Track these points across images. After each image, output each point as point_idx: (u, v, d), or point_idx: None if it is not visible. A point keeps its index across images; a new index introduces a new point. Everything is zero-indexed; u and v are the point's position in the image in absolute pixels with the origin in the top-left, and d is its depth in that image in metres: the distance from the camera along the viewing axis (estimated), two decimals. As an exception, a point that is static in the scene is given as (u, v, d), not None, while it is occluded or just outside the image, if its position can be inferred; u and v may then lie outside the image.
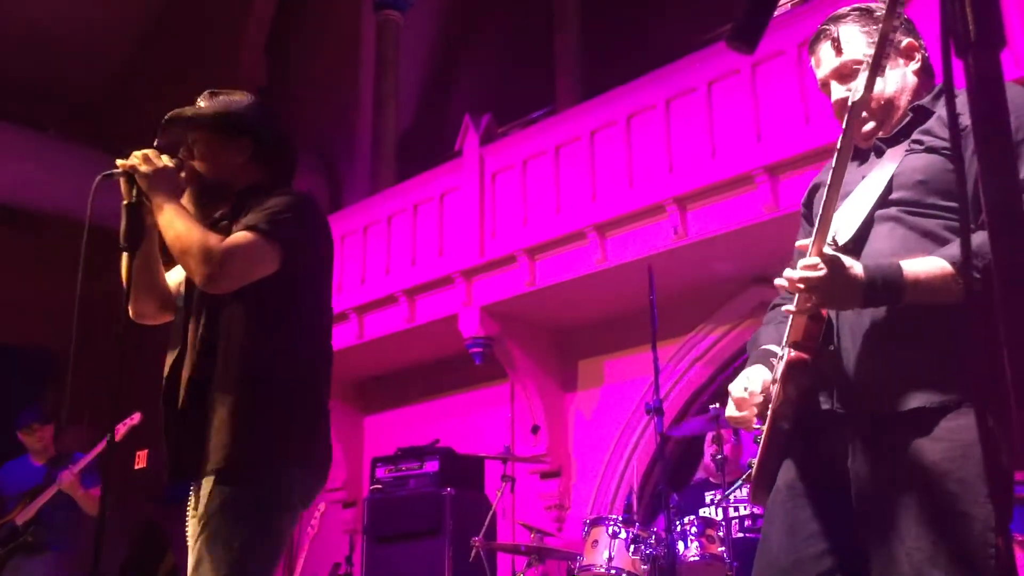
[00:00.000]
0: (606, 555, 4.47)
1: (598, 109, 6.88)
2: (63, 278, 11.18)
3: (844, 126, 1.65)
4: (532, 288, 6.90)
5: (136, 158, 2.35)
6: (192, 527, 2.47)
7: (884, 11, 1.92)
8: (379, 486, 6.37)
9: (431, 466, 6.21)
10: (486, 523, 5.43)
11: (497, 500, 5.62)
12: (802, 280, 1.67)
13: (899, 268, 1.65)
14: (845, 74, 1.92)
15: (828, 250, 1.66)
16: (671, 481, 5.61)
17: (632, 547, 4.46)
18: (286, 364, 2.41)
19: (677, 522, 4.41)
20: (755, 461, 1.90)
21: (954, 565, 1.61)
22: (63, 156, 9.98)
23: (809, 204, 2.10)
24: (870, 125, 1.91)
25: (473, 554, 5.29)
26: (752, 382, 1.89)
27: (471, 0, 10.62)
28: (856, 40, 1.92)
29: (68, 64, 11.21)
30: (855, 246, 1.75)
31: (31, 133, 9.81)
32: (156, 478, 2.51)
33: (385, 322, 7.83)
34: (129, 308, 2.50)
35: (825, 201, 1.67)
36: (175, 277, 2.59)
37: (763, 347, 2.00)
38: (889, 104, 1.91)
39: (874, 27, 1.90)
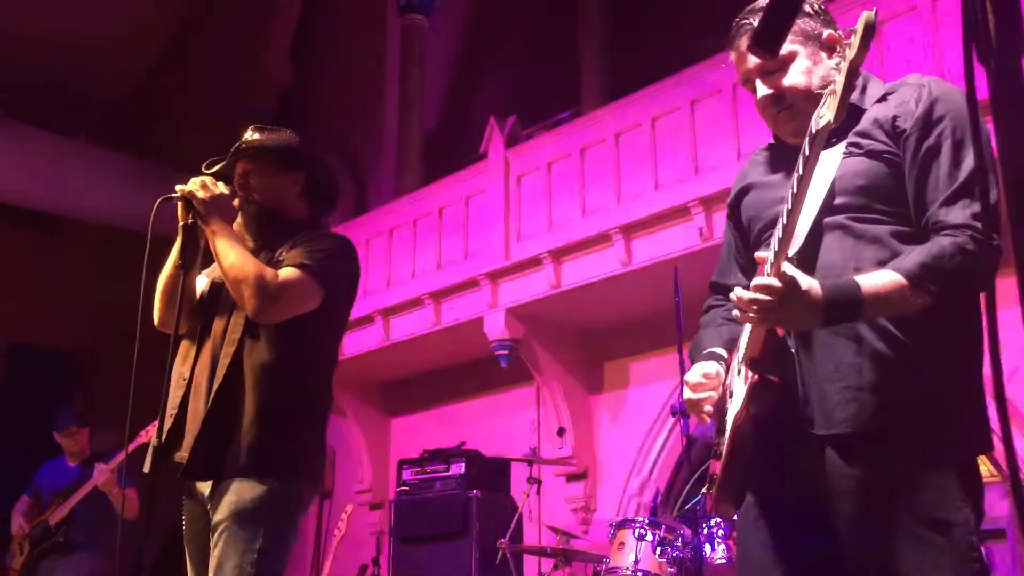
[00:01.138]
0: (632, 557, 4.47)
1: (623, 111, 6.87)
2: (90, 282, 11.38)
3: (808, 152, 1.58)
4: (557, 290, 6.91)
5: (194, 184, 2.50)
6: (190, 520, 2.55)
7: (816, 8, 1.88)
8: (406, 488, 6.40)
9: (457, 468, 6.23)
10: (512, 525, 5.44)
11: (523, 502, 5.63)
12: (755, 303, 1.61)
13: (857, 286, 1.62)
14: (770, 71, 1.87)
15: (788, 268, 1.61)
16: (697, 483, 5.58)
17: (659, 550, 4.46)
18: (305, 385, 2.56)
19: (704, 525, 4.40)
20: (717, 476, 1.85)
21: (938, 572, 1.61)
22: (92, 161, 10.10)
23: (736, 206, 2.05)
24: (798, 121, 1.84)
25: (499, 556, 5.30)
26: (708, 367, 1.86)
27: (495, 3, 10.65)
28: None
29: (97, 71, 11.35)
30: (804, 255, 1.72)
31: (60, 139, 9.93)
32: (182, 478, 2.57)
33: (411, 325, 7.87)
34: (157, 316, 2.62)
35: (787, 221, 1.61)
36: (201, 289, 2.69)
37: (708, 350, 1.95)
38: (816, 100, 1.81)
39: (797, 20, 1.85)
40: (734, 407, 1.75)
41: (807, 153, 1.58)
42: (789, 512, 1.79)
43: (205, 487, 2.47)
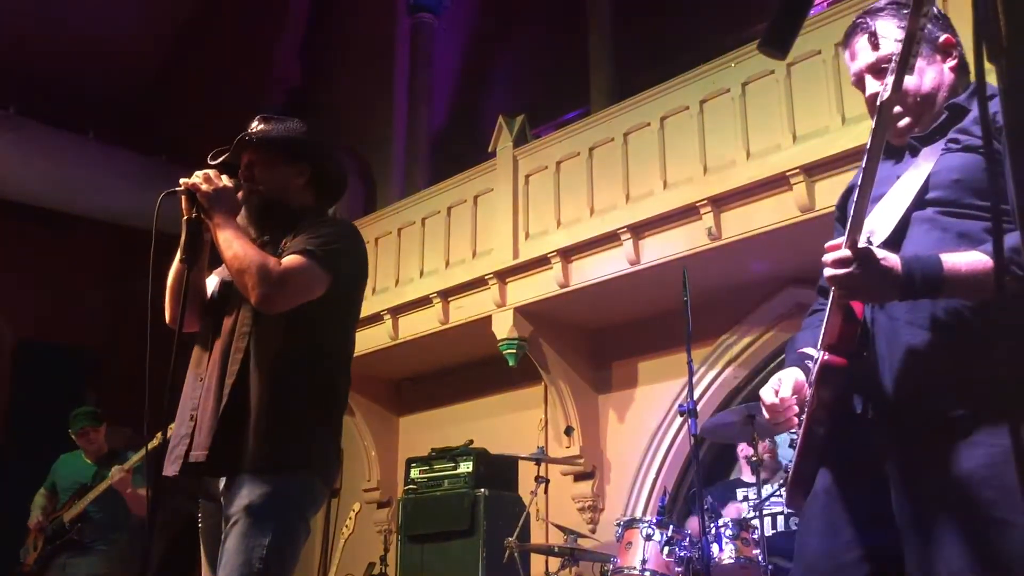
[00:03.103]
0: (640, 557, 4.48)
1: (631, 110, 6.86)
2: (101, 279, 11.42)
3: (874, 125, 1.61)
4: (566, 289, 6.90)
5: (198, 177, 2.48)
6: (205, 516, 2.58)
7: (936, 12, 1.88)
8: (414, 486, 6.41)
9: (465, 467, 6.23)
10: (519, 524, 5.44)
11: (531, 501, 5.63)
12: (832, 272, 1.64)
13: (939, 261, 1.62)
14: (880, 69, 1.89)
15: (864, 242, 1.63)
16: (705, 483, 5.59)
17: (666, 549, 4.46)
18: (320, 379, 2.54)
19: (711, 525, 4.40)
20: (791, 464, 1.87)
21: (992, 571, 1.59)
22: (103, 159, 10.14)
23: (843, 207, 2.07)
24: (905, 121, 1.89)
25: (507, 555, 5.31)
26: (784, 386, 1.86)
27: (505, 2, 10.65)
28: (893, 35, 1.88)
29: (107, 69, 11.39)
30: (890, 247, 1.72)
31: (70, 136, 9.96)
32: (196, 476, 2.57)
33: (419, 323, 7.87)
34: (168, 314, 2.60)
35: (857, 198, 1.63)
36: (212, 287, 2.69)
37: (799, 350, 1.96)
38: (925, 100, 1.87)
39: None
40: (809, 394, 1.77)
41: (874, 126, 1.60)
42: (854, 503, 1.79)
43: (220, 483, 2.47)
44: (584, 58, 9.05)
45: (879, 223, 1.76)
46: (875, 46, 1.91)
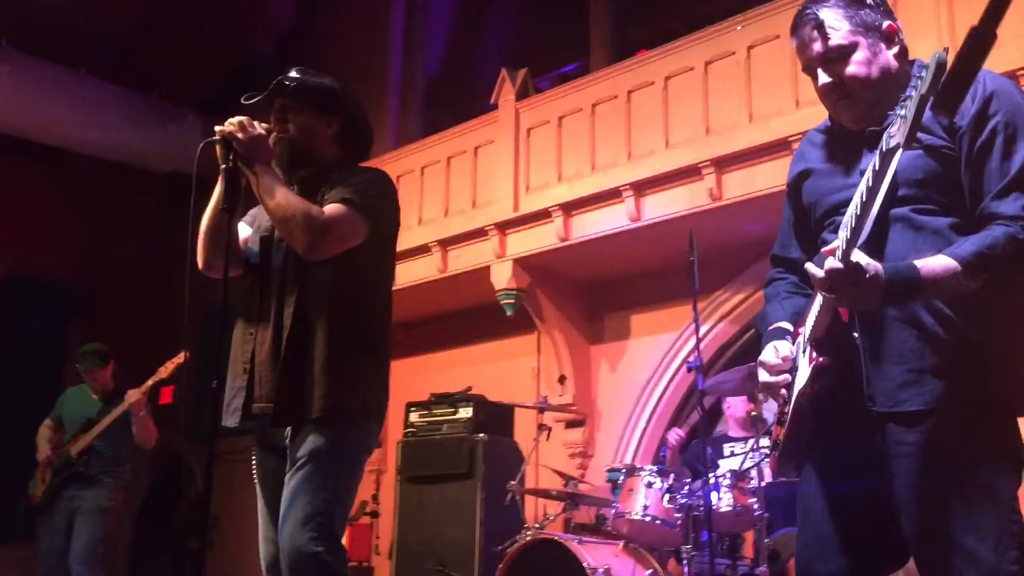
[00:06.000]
0: (642, 503, 4.70)
1: (636, 68, 6.94)
2: (86, 214, 11.34)
3: (878, 167, 1.71)
4: (566, 243, 7.03)
5: (233, 125, 2.52)
6: (261, 463, 2.71)
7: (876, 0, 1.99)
8: (413, 429, 6.58)
9: (465, 412, 6.41)
10: (522, 469, 5.65)
11: (533, 447, 5.84)
12: (825, 283, 1.79)
13: (916, 270, 1.79)
14: (831, 59, 1.99)
15: (856, 255, 1.76)
16: (690, 437, 5.82)
17: (667, 496, 4.68)
18: (369, 325, 2.66)
19: (711, 474, 4.62)
20: (780, 440, 2.04)
21: (984, 533, 1.80)
22: (92, 93, 10.05)
23: (796, 187, 2.19)
24: (858, 109, 2.01)
25: (508, 498, 5.52)
26: (782, 348, 2.02)
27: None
28: (840, 25, 1.98)
29: (100, 3, 11.23)
30: (871, 243, 1.86)
31: (61, 69, 9.86)
32: (178, 413, 2.69)
33: (417, 271, 7.96)
34: (201, 260, 2.67)
35: (855, 224, 1.75)
36: (243, 235, 2.78)
37: (776, 325, 2.11)
38: (876, 89, 1.98)
39: (858, 10, 1.99)
40: (799, 381, 1.94)
41: (877, 168, 1.72)
42: (847, 472, 1.98)
43: (283, 433, 2.61)
44: (584, 9, 9.05)
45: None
46: (824, 37, 1.98)
